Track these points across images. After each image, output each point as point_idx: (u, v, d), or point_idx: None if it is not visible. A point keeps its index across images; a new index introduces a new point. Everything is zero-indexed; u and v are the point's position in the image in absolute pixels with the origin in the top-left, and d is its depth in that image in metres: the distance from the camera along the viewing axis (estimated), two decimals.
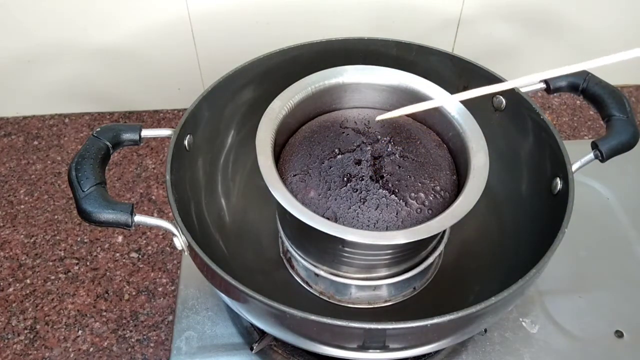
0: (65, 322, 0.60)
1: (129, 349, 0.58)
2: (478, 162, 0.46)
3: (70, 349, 0.58)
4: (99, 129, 0.46)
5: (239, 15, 0.72)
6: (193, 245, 0.43)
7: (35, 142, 0.78)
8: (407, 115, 0.52)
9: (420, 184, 0.46)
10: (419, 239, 0.42)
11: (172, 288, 0.62)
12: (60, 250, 0.66)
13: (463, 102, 0.49)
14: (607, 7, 0.76)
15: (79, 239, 0.67)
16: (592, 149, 0.49)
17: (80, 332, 0.59)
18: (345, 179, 0.46)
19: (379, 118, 0.48)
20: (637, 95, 0.85)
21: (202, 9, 0.71)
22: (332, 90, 0.51)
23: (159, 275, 0.63)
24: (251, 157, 0.53)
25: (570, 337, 0.57)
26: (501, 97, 0.56)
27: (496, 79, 0.56)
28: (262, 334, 0.54)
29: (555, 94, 0.64)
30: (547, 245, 0.43)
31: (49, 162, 0.76)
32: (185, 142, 0.50)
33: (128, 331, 0.59)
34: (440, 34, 0.77)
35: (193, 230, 0.48)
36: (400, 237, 0.42)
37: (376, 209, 0.45)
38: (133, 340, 0.58)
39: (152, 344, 0.58)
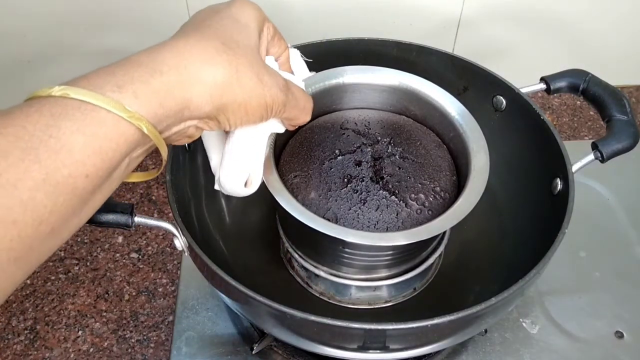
0: (66, 323, 0.60)
1: (129, 350, 0.58)
2: (478, 162, 0.46)
3: (71, 350, 0.58)
4: None
5: None
6: (193, 246, 0.43)
7: None
8: (407, 116, 0.52)
9: (420, 185, 0.46)
10: (419, 240, 0.42)
11: (172, 288, 0.62)
12: (60, 251, 0.66)
13: (463, 102, 0.49)
14: (607, 7, 0.76)
15: (79, 239, 0.67)
16: (593, 150, 0.49)
17: (80, 332, 0.59)
18: (345, 180, 0.46)
19: None
20: (637, 96, 0.85)
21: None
22: (333, 91, 0.51)
23: (159, 276, 0.63)
24: None
25: (570, 337, 0.57)
26: (501, 97, 0.56)
27: (496, 80, 0.56)
28: (262, 334, 0.54)
29: (555, 95, 0.64)
30: (547, 245, 0.43)
31: None
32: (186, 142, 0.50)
33: (128, 331, 0.59)
34: (440, 34, 0.77)
35: (193, 230, 0.48)
36: (401, 238, 0.42)
37: (376, 210, 0.45)
38: (133, 340, 0.58)
39: (152, 345, 0.58)
